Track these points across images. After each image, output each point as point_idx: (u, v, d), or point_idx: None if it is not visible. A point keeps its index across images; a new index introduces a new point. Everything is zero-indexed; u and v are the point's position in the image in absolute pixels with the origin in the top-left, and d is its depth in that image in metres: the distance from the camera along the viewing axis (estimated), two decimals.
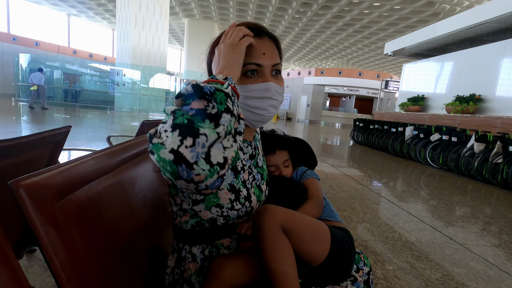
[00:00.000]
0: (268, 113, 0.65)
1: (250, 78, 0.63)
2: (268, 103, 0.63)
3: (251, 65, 0.62)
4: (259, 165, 0.78)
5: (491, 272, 1.68)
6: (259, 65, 0.62)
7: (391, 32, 15.55)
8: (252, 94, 0.62)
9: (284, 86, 0.69)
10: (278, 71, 0.66)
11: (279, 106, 0.67)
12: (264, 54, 0.62)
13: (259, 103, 0.63)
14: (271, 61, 0.63)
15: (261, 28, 0.65)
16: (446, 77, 7.80)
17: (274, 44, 0.66)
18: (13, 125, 5.92)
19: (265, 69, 0.63)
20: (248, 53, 0.61)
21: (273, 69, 0.64)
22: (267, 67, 0.63)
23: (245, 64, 0.61)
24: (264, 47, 0.63)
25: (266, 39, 0.64)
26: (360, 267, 0.81)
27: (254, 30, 0.63)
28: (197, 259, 0.66)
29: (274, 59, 0.64)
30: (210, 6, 14.90)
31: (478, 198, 3.45)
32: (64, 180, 0.50)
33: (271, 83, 0.63)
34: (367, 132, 8.11)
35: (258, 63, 0.62)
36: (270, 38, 0.66)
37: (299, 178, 0.96)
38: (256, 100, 0.63)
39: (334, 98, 26.05)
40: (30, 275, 1.27)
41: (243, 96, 0.63)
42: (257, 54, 0.62)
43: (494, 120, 5.18)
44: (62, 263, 0.43)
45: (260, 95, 0.62)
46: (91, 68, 16.60)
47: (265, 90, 0.62)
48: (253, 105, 0.63)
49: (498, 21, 6.42)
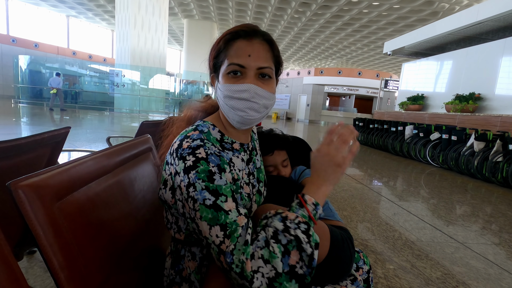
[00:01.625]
0: (247, 116, 0.64)
1: (234, 78, 0.63)
2: (245, 105, 0.63)
3: (233, 65, 0.62)
4: (256, 166, 0.78)
5: (491, 271, 1.68)
6: (241, 66, 0.62)
7: (390, 31, 15.55)
8: (231, 94, 0.62)
9: (275, 92, 0.68)
10: (265, 74, 0.64)
11: (262, 110, 0.65)
12: (250, 56, 0.62)
13: (238, 104, 0.63)
14: (256, 64, 0.62)
15: (253, 29, 0.64)
16: (446, 76, 7.80)
17: (268, 46, 0.65)
18: (13, 127, 5.92)
19: (249, 71, 0.62)
20: (234, 53, 0.62)
21: (259, 72, 0.63)
22: (251, 69, 0.62)
23: (229, 63, 0.62)
24: (251, 49, 0.62)
25: (257, 41, 0.63)
26: (360, 266, 0.81)
27: (243, 32, 0.63)
28: (196, 257, 0.66)
29: (260, 62, 0.62)
30: (209, 7, 14.89)
31: (478, 197, 3.45)
32: (63, 181, 0.50)
33: (251, 85, 0.61)
34: (367, 131, 8.11)
35: (240, 64, 0.62)
36: (263, 39, 0.65)
37: (298, 177, 0.96)
38: (234, 100, 0.63)
39: (334, 98, 26.04)
40: (30, 276, 1.27)
41: (224, 95, 0.64)
42: (243, 55, 0.62)
43: (494, 118, 5.18)
44: (61, 264, 0.43)
45: (238, 96, 0.62)
46: (90, 69, 16.58)
47: (243, 92, 0.62)
48: (232, 105, 0.63)
49: (497, 19, 6.42)
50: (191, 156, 0.57)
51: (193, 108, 0.77)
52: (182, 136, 0.63)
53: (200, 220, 0.54)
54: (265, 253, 0.50)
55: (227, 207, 0.54)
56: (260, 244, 0.51)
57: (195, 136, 0.62)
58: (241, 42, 0.63)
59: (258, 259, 0.50)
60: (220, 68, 0.65)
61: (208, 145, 0.60)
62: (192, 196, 0.55)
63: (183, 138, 0.62)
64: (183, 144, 0.59)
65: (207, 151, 0.58)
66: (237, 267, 0.49)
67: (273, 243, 0.51)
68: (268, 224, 0.55)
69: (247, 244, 0.51)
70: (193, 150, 0.57)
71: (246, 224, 0.54)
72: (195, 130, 0.64)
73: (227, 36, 0.64)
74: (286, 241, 0.51)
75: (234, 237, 0.51)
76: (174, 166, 0.59)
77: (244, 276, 0.49)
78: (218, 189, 0.55)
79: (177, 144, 0.61)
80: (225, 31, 0.66)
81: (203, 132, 0.65)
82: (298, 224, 0.53)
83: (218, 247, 0.52)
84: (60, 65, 15.69)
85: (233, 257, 0.50)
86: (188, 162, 0.56)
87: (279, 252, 0.50)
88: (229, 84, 0.62)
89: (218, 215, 0.53)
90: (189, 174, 0.55)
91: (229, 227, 0.52)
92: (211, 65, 0.68)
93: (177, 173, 0.58)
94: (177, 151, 0.59)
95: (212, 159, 0.57)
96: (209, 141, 0.62)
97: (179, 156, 0.58)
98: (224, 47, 0.64)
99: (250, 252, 0.50)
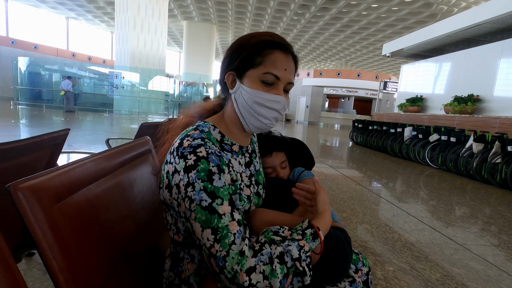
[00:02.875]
0: (269, 123, 0.68)
1: (265, 87, 0.65)
2: (273, 114, 0.67)
3: (271, 75, 0.64)
4: (256, 168, 0.78)
5: (490, 272, 1.68)
6: (277, 78, 0.64)
7: (389, 33, 15.61)
8: (262, 102, 0.64)
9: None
10: (288, 89, 0.69)
11: (279, 120, 0.71)
12: (286, 70, 0.65)
13: (265, 112, 0.66)
14: (288, 79, 0.66)
15: (289, 44, 0.68)
16: (444, 77, 7.83)
17: (294, 64, 0.69)
18: (12, 128, 5.91)
19: (281, 83, 0.66)
20: (273, 63, 0.64)
21: (286, 87, 0.68)
22: (283, 82, 0.66)
23: (266, 72, 0.64)
24: (287, 64, 0.66)
25: (290, 57, 0.67)
26: (359, 268, 0.81)
27: (283, 45, 0.66)
28: (195, 259, 0.66)
29: (290, 77, 0.67)
30: (208, 9, 14.93)
31: (477, 198, 3.45)
32: (63, 183, 0.50)
33: (282, 97, 0.66)
34: (366, 133, 8.12)
35: (278, 75, 0.64)
36: (293, 57, 0.69)
37: (296, 179, 0.96)
38: (263, 108, 0.65)
39: (333, 99, 26.08)
40: (29, 278, 1.26)
41: (253, 100, 0.65)
42: (280, 67, 0.64)
43: (493, 120, 5.20)
44: (60, 266, 0.43)
45: (269, 105, 0.65)
46: (90, 71, 16.59)
47: (276, 102, 0.65)
48: (260, 112, 0.65)
49: (495, 21, 6.45)
50: (192, 155, 0.57)
51: (188, 115, 0.77)
52: (183, 135, 0.63)
53: (194, 221, 0.54)
54: (267, 270, 0.52)
55: (222, 210, 0.54)
56: (264, 260, 0.53)
57: (196, 135, 0.62)
58: (280, 54, 0.65)
59: (259, 274, 0.51)
60: (249, 70, 0.65)
61: (209, 144, 0.60)
62: (189, 196, 0.55)
63: (184, 136, 0.62)
64: (184, 143, 0.59)
65: (208, 150, 0.58)
66: (229, 273, 0.51)
67: (277, 262, 0.53)
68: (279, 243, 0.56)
69: (242, 255, 0.52)
70: (194, 149, 0.58)
71: (240, 232, 0.55)
72: (196, 129, 0.65)
73: (267, 43, 0.65)
74: (291, 265, 0.54)
75: (225, 243, 0.52)
76: (173, 164, 0.59)
77: (235, 282, 0.51)
78: (215, 191, 0.55)
79: (177, 143, 0.61)
80: (258, 34, 0.67)
81: (203, 131, 0.65)
82: (307, 257, 0.56)
83: (208, 250, 0.53)
84: (59, 66, 15.68)
85: (225, 263, 0.51)
86: (189, 161, 0.56)
87: (281, 273, 0.52)
88: (262, 92, 0.64)
89: (211, 218, 0.53)
90: (189, 173, 0.56)
91: (220, 231, 0.53)
92: (236, 64, 0.66)
93: (176, 171, 0.58)
94: (177, 149, 0.59)
95: (212, 159, 0.58)
96: (209, 141, 0.62)
97: (180, 155, 0.58)
98: (261, 52, 0.64)
99: (247, 265, 0.51)
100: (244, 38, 0.67)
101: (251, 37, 0.67)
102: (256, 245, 0.56)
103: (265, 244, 0.56)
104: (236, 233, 0.54)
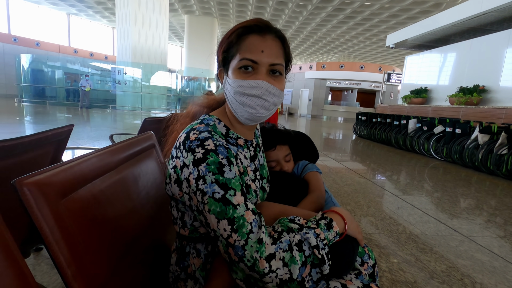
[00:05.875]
0: (257, 113, 0.63)
1: (246, 74, 0.62)
2: (257, 102, 0.62)
3: (246, 60, 0.61)
4: (260, 163, 0.78)
5: (496, 263, 1.68)
6: (254, 62, 0.61)
7: (393, 24, 15.36)
8: (242, 90, 0.62)
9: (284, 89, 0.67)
10: (276, 71, 0.64)
11: (272, 108, 0.65)
12: (263, 52, 0.61)
13: (248, 101, 0.62)
14: (269, 60, 0.61)
15: (267, 25, 0.63)
16: (449, 68, 7.72)
17: (280, 43, 0.65)
18: (16, 125, 5.96)
19: (261, 67, 0.61)
20: (246, 48, 0.61)
21: (270, 69, 0.63)
22: (264, 65, 0.62)
23: (241, 58, 0.61)
24: (265, 45, 0.61)
25: (270, 37, 0.63)
26: (365, 260, 0.81)
27: (256, 27, 0.62)
28: (201, 254, 0.66)
29: (273, 59, 0.62)
30: (209, 2, 14.79)
31: (482, 190, 3.43)
32: (68, 178, 0.50)
33: (263, 81, 0.61)
34: (370, 125, 8.07)
35: (253, 59, 0.61)
36: (276, 36, 0.64)
37: (300, 172, 0.96)
38: (245, 97, 0.62)
39: (336, 92, 25.90)
40: (37, 273, 1.28)
41: (235, 90, 0.63)
42: (256, 50, 0.61)
43: (499, 111, 5.13)
44: (68, 261, 0.44)
45: (249, 92, 0.61)
46: (92, 67, 16.60)
47: (255, 88, 0.61)
48: (243, 101, 0.63)
49: (502, 10, 6.31)
50: (200, 148, 0.56)
51: (197, 104, 0.76)
52: (188, 129, 0.62)
53: (208, 213, 0.54)
54: (287, 257, 0.53)
55: (236, 201, 0.54)
56: (283, 247, 0.54)
57: (202, 128, 0.61)
58: (254, 37, 0.62)
59: (279, 260, 0.52)
60: (231, 62, 0.64)
61: (216, 136, 0.60)
62: (201, 189, 0.55)
63: (190, 130, 0.61)
64: (190, 136, 0.59)
65: (216, 143, 0.58)
66: (249, 261, 0.52)
67: (296, 249, 0.54)
68: (296, 231, 0.57)
69: (261, 243, 0.53)
70: (202, 142, 0.57)
71: (256, 221, 0.55)
72: (201, 123, 0.64)
73: (240, 30, 0.62)
74: (309, 254, 0.55)
75: (243, 232, 0.53)
76: (181, 158, 0.58)
77: (255, 270, 0.51)
78: (227, 182, 0.55)
79: (183, 137, 0.60)
80: (236, 25, 0.65)
81: (209, 125, 0.65)
82: (325, 246, 0.56)
83: (226, 240, 0.53)
84: (62, 63, 15.71)
85: (244, 252, 0.52)
86: (197, 154, 0.56)
87: (300, 260, 0.53)
88: (240, 80, 0.61)
89: (226, 209, 0.53)
90: (199, 167, 0.55)
91: (236, 221, 0.53)
92: (220, 59, 0.66)
93: (185, 165, 0.57)
94: (184, 143, 0.59)
95: (221, 151, 0.57)
96: (216, 133, 0.62)
97: (187, 149, 0.57)
98: (236, 41, 0.62)
99: (266, 252, 0.52)
100: (224, 34, 0.67)
101: (229, 31, 0.66)
102: (274, 233, 0.56)
103: (283, 232, 0.56)
104: (253, 221, 0.54)
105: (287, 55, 0.67)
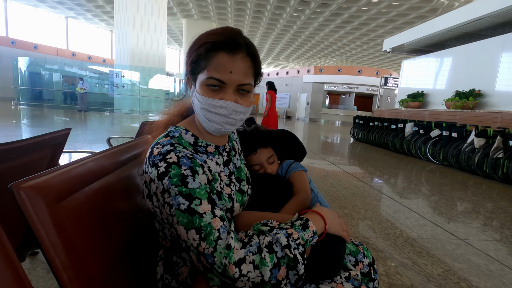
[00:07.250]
0: (223, 129, 0.64)
1: (213, 92, 0.61)
2: (223, 119, 0.63)
3: (213, 80, 0.60)
4: (236, 166, 0.77)
5: (492, 267, 1.69)
6: (222, 82, 0.60)
7: (390, 28, 15.51)
8: (209, 108, 0.62)
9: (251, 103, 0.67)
10: (245, 90, 0.63)
11: (239, 123, 0.66)
12: (231, 72, 0.60)
13: (214, 117, 0.63)
14: (237, 80, 0.61)
15: (237, 41, 0.61)
16: (446, 72, 7.79)
17: (251, 62, 0.63)
18: (13, 129, 5.93)
19: (228, 87, 0.61)
20: (215, 66, 0.60)
21: (239, 88, 0.62)
22: (231, 86, 0.61)
23: (209, 77, 0.60)
24: (234, 65, 0.60)
25: (240, 56, 0.61)
26: (359, 260, 0.80)
27: (227, 44, 0.60)
28: (187, 262, 0.67)
29: (241, 79, 0.61)
30: (208, 6, 14.86)
31: (479, 193, 3.45)
32: (65, 182, 0.50)
33: (229, 102, 0.61)
34: (367, 129, 8.10)
35: (221, 79, 0.60)
36: (247, 54, 0.62)
37: (285, 173, 0.93)
38: (212, 114, 0.62)
39: (334, 96, 26.01)
40: (33, 277, 1.27)
41: (201, 106, 0.62)
42: (224, 71, 0.60)
43: (494, 115, 5.18)
44: (64, 264, 0.44)
45: (215, 111, 0.62)
46: (90, 70, 16.58)
47: (221, 108, 0.61)
48: (209, 117, 0.63)
49: (497, 15, 6.40)
50: (162, 162, 0.57)
51: (168, 114, 0.76)
52: (154, 144, 0.64)
53: (177, 224, 0.55)
54: (256, 259, 0.54)
55: (202, 209, 0.55)
56: (252, 250, 0.55)
57: (166, 141, 0.63)
58: (223, 56, 0.60)
59: (249, 264, 0.53)
60: (199, 74, 0.63)
61: (179, 148, 0.61)
62: (167, 202, 0.56)
63: (154, 145, 0.63)
64: (154, 151, 0.60)
65: (178, 155, 0.59)
66: (219, 268, 0.53)
67: (266, 251, 0.54)
68: (267, 233, 0.57)
69: (229, 248, 0.54)
70: (164, 156, 0.58)
71: (224, 227, 0.56)
72: (166, 136, 0.66)
73: (208, 45, 0.60)
74: (281, 256, 0.55)
75: (211, 240, 0.54)
76: (148, 174, 0.59)
77: (226, 275, 0.53)
78: (191, 192, 0.56)
79: (149, 152, 0.62)
80: (206, 34, 0.63)
81: (174, 137, 0.65)
82: (298, 246, 0.56)
83: (196, 249, 0.55)
84: (59, 66, 15.68)
85: (214, 259, 0.53)
86: (160, 168, 0.57)
87: (270, 262, 0.53)
88: (207, 98, 0.61)
89: (193, 219, 0.54)
90: (162, 181, 0.56)
91: (203, 229, 0.54)
92: (189, 69, 0.65)
93: (151, 180, 0.58)
94: (149, 158, 0.60)
95: (184, 162, 0.58)
96: (180, 145, 0.63)
97: (152, 163, 0.59)
98: (204, 55, 0.61)
99: (235, 257, 0.53)
100: (194, 40, 0.65)
101: (198, 39, 0.63)
102: (245, 238, 0.57)
103: (253, 236, 0.58)
104: (220, 228, 0.55)
105: (256, 71, 0.66)
